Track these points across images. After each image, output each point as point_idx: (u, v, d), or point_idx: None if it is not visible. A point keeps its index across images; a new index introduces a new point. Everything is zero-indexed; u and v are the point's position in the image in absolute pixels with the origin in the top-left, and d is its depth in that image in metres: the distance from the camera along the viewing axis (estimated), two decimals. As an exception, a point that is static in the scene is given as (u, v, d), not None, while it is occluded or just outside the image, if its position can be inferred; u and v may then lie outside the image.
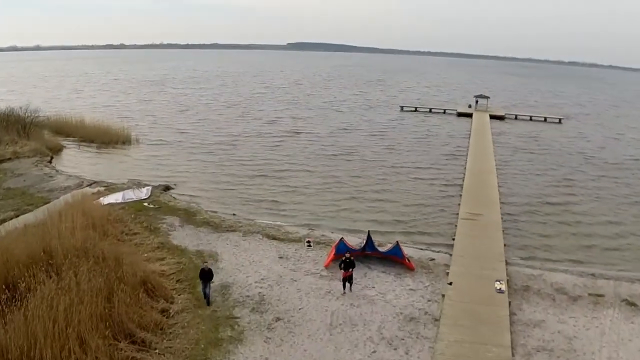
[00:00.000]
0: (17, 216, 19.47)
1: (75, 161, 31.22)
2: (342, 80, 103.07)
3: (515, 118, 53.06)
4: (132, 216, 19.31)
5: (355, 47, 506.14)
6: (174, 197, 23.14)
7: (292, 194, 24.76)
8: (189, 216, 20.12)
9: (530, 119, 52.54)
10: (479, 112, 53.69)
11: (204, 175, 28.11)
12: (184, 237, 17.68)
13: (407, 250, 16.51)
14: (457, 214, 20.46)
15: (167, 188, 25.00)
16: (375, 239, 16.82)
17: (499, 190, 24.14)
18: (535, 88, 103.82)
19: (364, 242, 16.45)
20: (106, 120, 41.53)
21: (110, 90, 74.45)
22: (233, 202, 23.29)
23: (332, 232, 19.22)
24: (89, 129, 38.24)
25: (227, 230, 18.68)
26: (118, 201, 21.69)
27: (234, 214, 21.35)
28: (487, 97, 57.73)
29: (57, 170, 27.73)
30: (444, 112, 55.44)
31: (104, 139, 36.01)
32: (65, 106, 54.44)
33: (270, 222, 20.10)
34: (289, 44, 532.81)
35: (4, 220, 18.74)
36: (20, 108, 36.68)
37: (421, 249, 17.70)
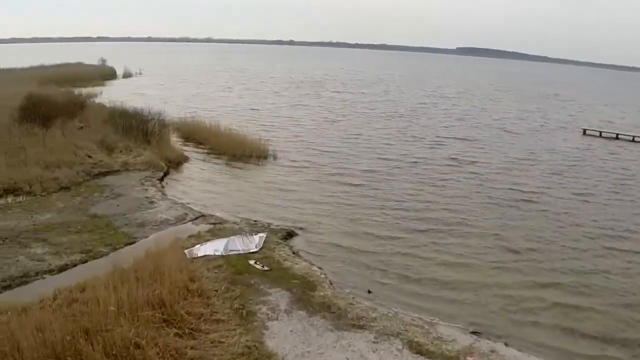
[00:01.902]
0: (84, 262, 18.49)
1: (190, 182, 30.77)
2: (513, 93, 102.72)
3: None
4: (226, 285, 16.66)
5: (526, 55, 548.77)
6: (292, 253, 20.14)
7: (453, 267, 20.15)
8: (305, 290, 16.78)
9: None
10: None
11: (340, 219, 24.97)
12: (286, 336, 14.20)
13: None
14: None
15: (289, 235, 22.30)
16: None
17: None
18: None
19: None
20: (244, 128, 42.02)
21: (262, 90, 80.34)
22: (371, 269, 19.69)
23: (507, 346, 14.67)
24: (222, 137, 38.55)
25: (353, 326, 14.82)
26: (218, 253, 19.52)
27: (369, 291, 17.76)
28: None
29: (163, 193, 27.27)
30: (633, 140, 50.96)
31: (236, 152, 35.81)
32: (207, 106, 58.47)
33: (418, 317, 15.88)
34: (458, 48, 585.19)
35: (63, 268, 17.74)
36: (143, 109, 38.71)
37: None
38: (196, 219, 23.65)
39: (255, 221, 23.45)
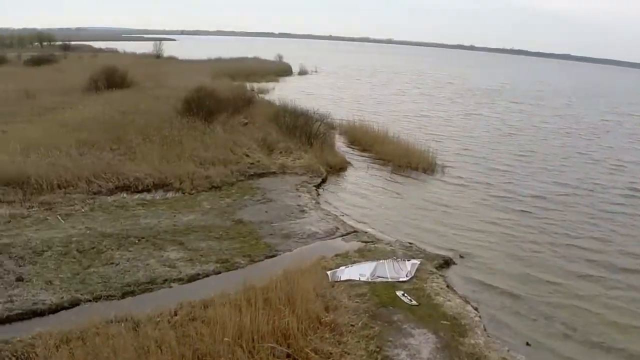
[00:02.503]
0: (217, 273, 18.09)
1: (348, 191, 29.78)
2: None
3: None
4: (365, 320, 15.15)
5: None
6: (446, 287, 17.97)
7: (628, 332, 16.64)
8: (454, 335, 14.65)
9: None
10: None
11: (503, 252, 22.30)
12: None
13: None
14: None
15: (445, 263, 20.25)
16: None
17: None
18: None
19: None
20: (413, 136, 40.76)
21: (436, 96, 79.71)
22: (532, 317, 17.12)
23: None
24: (389, 145, 37.43)
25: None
26: (363, 278, 18.09)
27: (527, 343, 15.43)
28: None
29: (317, 202, 26.56)
30: None
31: (401, 162, 34.42)
32: (378, 109, 58.24)
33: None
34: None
35: (193, 278, 17.47)
36: (310, 109, 38.85)
37: None
38: (347, 234, 22.51)
39: (410, 243, 21.73)
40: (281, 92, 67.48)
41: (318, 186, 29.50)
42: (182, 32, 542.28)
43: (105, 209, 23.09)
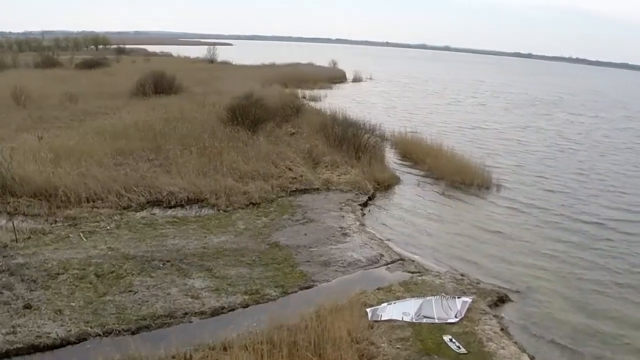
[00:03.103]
0: (245, 306, 16.35)
1: (396, 211, 27.65)
2: None
3: None
4: (404, 373, 13.15)
5: None
6: (500, 331, 15.68)
7: None
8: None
9: None
10: None
11: (564, 285, 19.94)
12: None
13: None
14: None
15: (500, 300, 17.99)
16: None
17: None
18: None
19: None
20: (466, 150, 38.66)
21: (492, 106, 77.11)
22: None
23: None
24: (442, 159, 35.18)
25: None
26: (407, 318, 16.05)
27: None
28: None
29: (361, 224, 24.57)
30: None
31: (455, 178, 32.15)
32: (431, 120, 56.26)
33: None
34: None
35: (217, 311, 15.75)
36: (360, 119, 37.14)
37: None
38: (392, 262, 20.48)
39: (462, 275, 19.56)
40: (333, 99, 65.85)
41: (364, 205, 27.52)
42: (240, 37, 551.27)
43: (132, 226, 21.72)
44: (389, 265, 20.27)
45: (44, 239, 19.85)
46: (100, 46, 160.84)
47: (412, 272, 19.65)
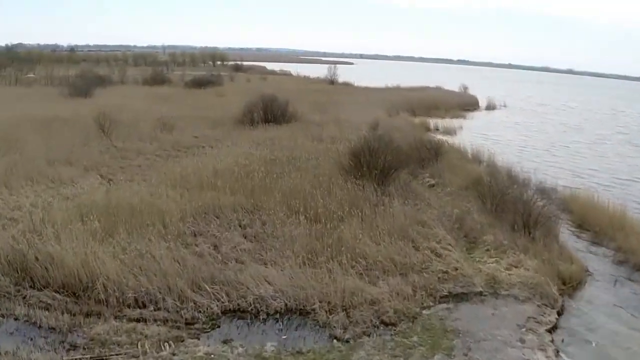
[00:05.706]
0: None
1: (602, 340, 17.37)
2: None
3: None
4: None
5: None
6: None
7: None
8: None
9: None
10: None
11: None
12: None
13: None
14: None
15: None
16: None
17: None
18: None
19: None
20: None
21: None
22: None
23: None
24: (631, 231, 24.47)
25: None
26: None
27: None
28: None
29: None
30: None
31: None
32: (579, 164, 44.82)
33: None
34: None
35: None
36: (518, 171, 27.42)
37: None
38: None
39: None
40: (470, 133, 55.75)
41: (552, 329, 17.42)
42: (361, 56, 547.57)
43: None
44: None
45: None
46: (218, 62, 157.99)
47: None
